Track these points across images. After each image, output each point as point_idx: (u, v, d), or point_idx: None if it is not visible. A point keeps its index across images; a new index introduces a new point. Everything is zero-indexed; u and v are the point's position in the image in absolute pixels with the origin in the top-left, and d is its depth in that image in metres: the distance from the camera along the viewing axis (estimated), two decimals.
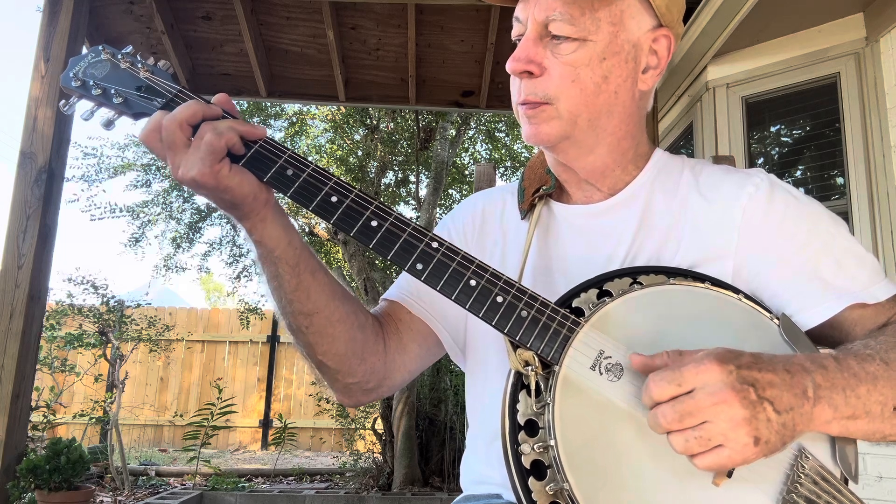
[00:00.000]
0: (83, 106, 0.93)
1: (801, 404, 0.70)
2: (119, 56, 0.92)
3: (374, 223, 0.85)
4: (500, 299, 0.82)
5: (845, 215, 3.06)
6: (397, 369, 1.02)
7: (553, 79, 0.90)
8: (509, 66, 0.91)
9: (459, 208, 1.15)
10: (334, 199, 0.85)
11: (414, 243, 0.84)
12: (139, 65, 0.92)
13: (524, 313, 0.82)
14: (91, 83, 0.91)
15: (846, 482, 0.78)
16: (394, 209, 0.86)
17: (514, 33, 0.96)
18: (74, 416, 6.44)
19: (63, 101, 0.93)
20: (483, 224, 1.08)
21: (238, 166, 0.83)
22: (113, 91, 0.90)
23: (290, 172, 0.85)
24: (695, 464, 0.68)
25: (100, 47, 0.93)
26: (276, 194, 0.88)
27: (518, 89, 0.93)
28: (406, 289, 1.06)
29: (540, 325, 0.81)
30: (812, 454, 0.77)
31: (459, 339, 1.06)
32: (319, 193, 0.85)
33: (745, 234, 0.91)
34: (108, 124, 0.92)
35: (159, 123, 0.82)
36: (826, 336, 0.88)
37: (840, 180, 3.25)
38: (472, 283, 0.83)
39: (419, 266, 0.84)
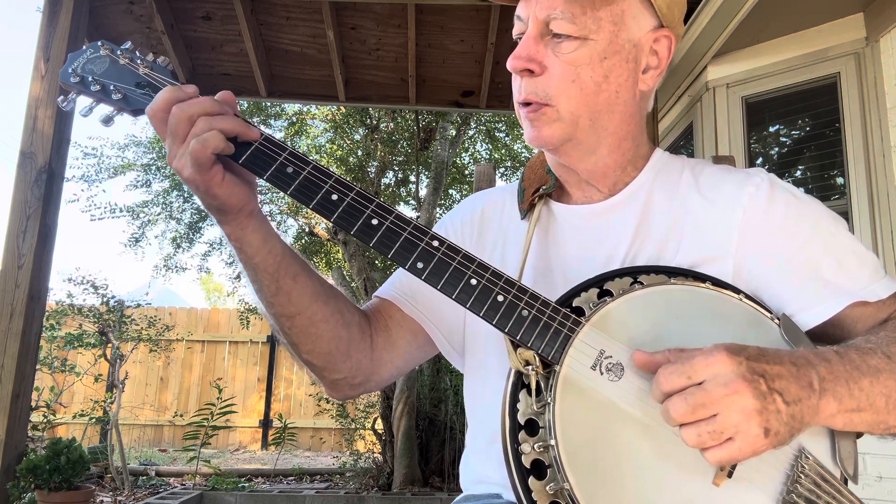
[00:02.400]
0: (82, 102, 0.92)
1: (807, 396, 0.70)
2: (118, 52, 0.91)
3: (374, 221, 0.84)
4: (500, 298, 0.82)
5: (845, 215, 3.06)
6: (384, 365, 1.02)
7: (553, 78, 0.90)
8: (510, 63, 0.91)
9: (459, 208, 1.15)
10: (335, 196, 0.84)
11: (415, 242, 0.84)
12: (138, 61, 0.91)
13: (525, 313, 0.82)
14: (90, 79, 0.90)
15: (846, 482, 0.78)
16: (394, 208, 0.86)
17: (515, 32, 0.96)
18: (74, 416, 6.43)
19: (62, 97, 0.91)
20: (482, 224, 1.08)
21: (232, 176, 0.83)
22: (112, 87, 0.89)
23: (290, 170, 0.85)
24: (706, 458, 0.68)
25: (98, 43, 0.92)
26: (276, 192, 0.89)
27: (519, 88, 0.93)
28: (400, 288, 1.05)
29: (541, 325, 0.81)
30: (812, 454, 0.77)
31: (456, 339, 1.06)
32: (320, 191, 0.84)
33: (746, 233, 0.90)
34: (108, 121, 0.91)
35: (170, 104, 0.82)
36: (828, 334, 0.88)
37: (840, 180, 3.25)
38: (473, 282, 0.83)
39: (420, 264, 0.83)
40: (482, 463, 0.97)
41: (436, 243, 0.84)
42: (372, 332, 1.01)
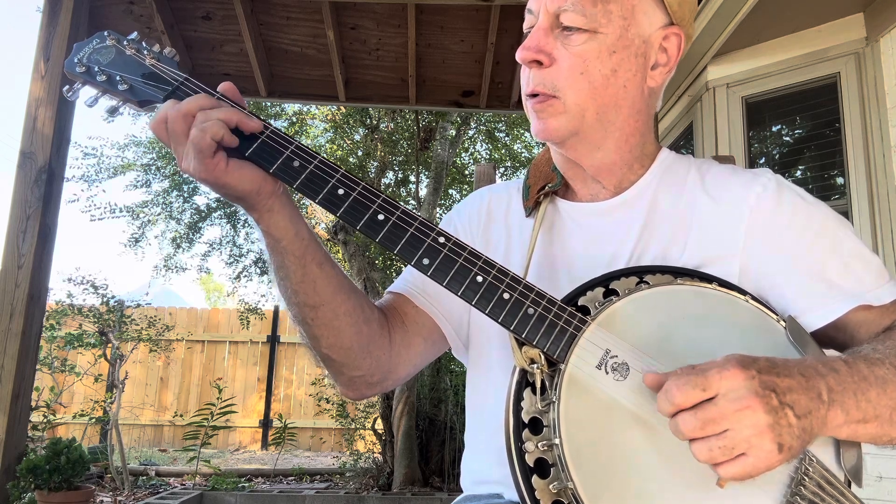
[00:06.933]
0: (86, 93, 0.90)
1: (817, 408, 0.70)
2: (124, 42, 0.90)
3: (380, 217, 0.84)
4: (506, 296, 0.82)
5: (845, 215, 3.05)
6: (402, 363, 1.02)
7: (562, 70, 0.90)
8: (519, 55, 0.91)
9: (465, 202, 1.15)
10: (341, 191, 0.84)
11: (421, 238, 0.84)
12: (145, 51, 0.90)
13: (531, 310, 0.81)
14: (96, 69, 0.88)
15: (849, 485, 0.78)
16: (400, 203, 0.86)
17: (525, 25, 0.96)
18: (74, 416, 6.43)
19: (66, 87, 0.90)
20: (488, 219, 1.08)
21: (238, 161, 0.82)
22: (118, 78, 0.88)
23: (296, 164, 0.84)
24: (718, 473, 0.68)
25: (105, 33, 0.91)
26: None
27: (527, 79, 0.93)
28: (411, 282, 1.05)
29: (546, 323, 0.80)
30: (816, 457, 0.77)
31: (463, 333, 1.06)
32: (326, 185, 0.84)
33: (752, 234, 0.90)
34: (113, 111, 0.91)
35: (166, 114, 0.82)
36: (830, 337, 0.88)
37: (840, 180, 3.25)
38: (479, 279, 0.82)
39: (426, 261, 0.83)
40: (483, 462, 0.97)
41: (442, 240, 0.84)
42: (390, 329, 1.00)
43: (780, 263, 0.89)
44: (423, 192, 7.11)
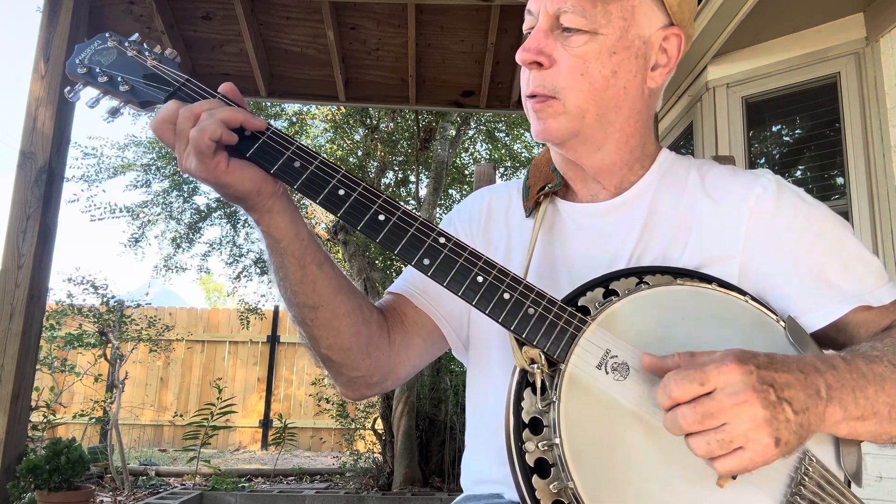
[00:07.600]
0: (87, 94, 0.91)
1: (815, 404, 0.70)
2: (126, 43, 0.91)
3: (381, 217, 0.84)
4: (506, 296, 0.82)
5: (845, 215, 3.06)
6: (402, 363, 1.02)
7: (562, 71, 0.90)
8: (519, 56, 0.91)
9: (466, 202, 1.15)
10: (342, 192, 0.84)
11: (421, 238, 0.84)
12: (146, 53, 0.90)
13: (531, 311, 0.81)
14: (97, 70, 0.89)
15: (849, 485, 0.78)
16: (401, 204, 0.86)
17: (525, 26, 0.96)
18: (74, 416, 6.43)
19: (68, 88, 0.91)
20: (489, 219, 1.08)
21: (239, 161, 0.83)
22: (119, 79, 0.89)
23: (297, 164, 0.84)
24: (714, 467, 0.68)
25: (106, 34, 0.92)
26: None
27: (527, 81, 0.93)
28: (411, 282, 1.05)
29: (547, 323, 0.81)
30: (816, 457, 0.77)
31: (462, 334, 1.06)
32: (327, 186, 0.84)
33: (752, 235, 0.91)
34: (114, 112, 0.91)
35: (174, 114, 0.82)
36: (830, 338, 0.88)
37: (840, 180, 3.25)
38: (479, 279, 0.82)
39: (426, 261, 0.83)
40: (483, 462, 0.97)
41: (442, 240, 0.84)
42: (389, 330, 1.01)
43: (780, 264, 0.89)
44: (423, 192, 7.11)
